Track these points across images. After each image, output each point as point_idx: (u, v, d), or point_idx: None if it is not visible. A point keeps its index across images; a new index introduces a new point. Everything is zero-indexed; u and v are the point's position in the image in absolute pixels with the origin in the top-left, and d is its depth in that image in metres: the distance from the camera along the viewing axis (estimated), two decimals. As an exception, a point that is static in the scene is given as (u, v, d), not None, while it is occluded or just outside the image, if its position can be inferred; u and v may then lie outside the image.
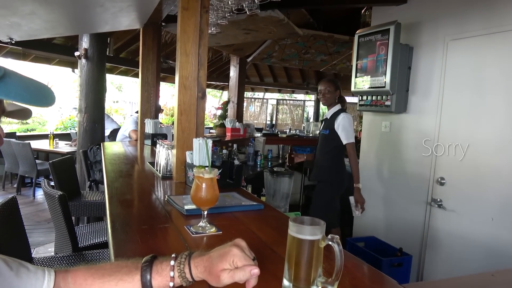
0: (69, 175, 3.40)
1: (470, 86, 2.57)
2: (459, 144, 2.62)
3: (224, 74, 9.61)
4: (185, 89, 1.92)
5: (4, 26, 3.19)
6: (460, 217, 2.63)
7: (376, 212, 3.34)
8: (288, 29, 3.88)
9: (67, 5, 2.70)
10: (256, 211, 1.48)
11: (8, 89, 0.48)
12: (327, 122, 3.23)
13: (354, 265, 1.02)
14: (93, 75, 4.67)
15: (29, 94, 0.51)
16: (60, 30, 3.85)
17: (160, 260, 0.76)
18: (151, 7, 2.87)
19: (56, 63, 7.15)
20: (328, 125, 3.18)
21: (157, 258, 0.77)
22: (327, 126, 3.21)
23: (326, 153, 3.21)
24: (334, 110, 3.17)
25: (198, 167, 1.17)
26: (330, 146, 3.18)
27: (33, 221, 4.68)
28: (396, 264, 2.80)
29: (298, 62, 6.76)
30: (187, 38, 1.89)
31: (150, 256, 0.77)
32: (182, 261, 0.73)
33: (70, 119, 10.81)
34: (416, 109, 2.98)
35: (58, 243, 2.39)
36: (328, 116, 3.21)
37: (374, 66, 3.03)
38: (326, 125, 3.22)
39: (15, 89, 0.48)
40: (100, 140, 4.75)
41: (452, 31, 2.69)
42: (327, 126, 3.21)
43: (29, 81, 0.54)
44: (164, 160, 2.10)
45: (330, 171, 3.19)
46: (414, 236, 2.96)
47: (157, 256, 0.77)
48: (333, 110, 3.18)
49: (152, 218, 1.37)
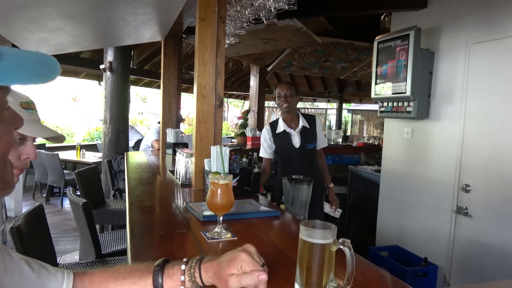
0: (94, 184, 3.50)
1: (495, 90, 2.49)
2: (484, 150, 2.54)
3: (245, 84, 9.68)
4: (203, 97, 1.96)
5: (33, 41, 3.34)
6: (487, 225, 2.53)
7: (399, 221, 3.27)
8: (307, 37, 3.89)
9: (91, 20, 2.81)
10: (272, 218, 1.49)
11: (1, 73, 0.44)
12: (307, 132, 2.77)
13: (375, 274, 1.00)
14: (117, 87, 4.82)
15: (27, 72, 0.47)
16: (85, 44, 4.00)
17: (172, 264, 0.77)
18: (171, 19, 2.95)
19: (84, 76, 7.42)
20: (311, 135, 2.79)
21: (169, 262, 0.78)
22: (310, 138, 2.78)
23: (313, 165, 2.83)
24: (302, 117, 2.80)
25: (214, 174, 1.19)
26: (315, 157, 2.85)
27: (60, 230, 4.82)
28: (421, 274, 2.72)
29: (318, 70, 6.74)
30: (205, 48, 1.94)
31: (162, 259, 0.78)
32: (193, 265, 0.74)
33: (97, 130, 11.13)
34: (439, 115, 2.91)
35: (82, 249, 2.46)
36: (303, 124, 2.76)
37: (394, 72, 2.99)
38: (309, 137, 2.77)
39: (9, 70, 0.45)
40: (124, 150, 4.87)
41: (474, 35, 2.62)
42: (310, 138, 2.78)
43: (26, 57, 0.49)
44: (183, 168, 2.14)
45: (322, 184, 2.91)
46: (440, 245, 2.87)
47: (169, 260, 0.79)
48: (301, 116, 2.80)
49: (170, 224, 1.39)
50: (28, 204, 6.03)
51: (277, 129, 2.78)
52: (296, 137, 2.75)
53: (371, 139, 7.26)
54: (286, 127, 2.76)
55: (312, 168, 2.79)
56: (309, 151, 2.78)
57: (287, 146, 2.76)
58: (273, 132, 2.79)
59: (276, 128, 2.78)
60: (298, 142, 2.74)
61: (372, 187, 3.91)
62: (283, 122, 2.78)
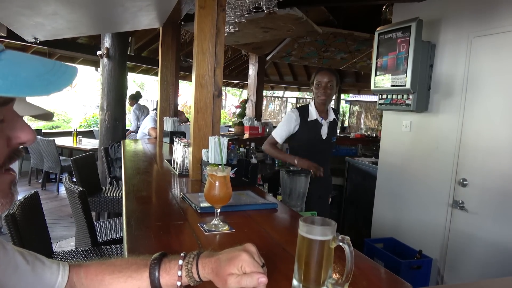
0: (90, 171, 3.49)
1: (495, 84, 2.48)
2: (483, 145, 2.54)
3: (243, 72, 9.62)
4: (201, 87, 1.93)
5: (28, 26, 3.28)
6: (482, 220, 2.55)
7: (395, 213, 3.28)
8: (307, 27, 3.85)
9: (88, 5, 2.75)
10: (270, 210, 1.48)
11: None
12: (334, 125, 2.71)
13: (370, 268, 1.00)
14: (114, 74, 4.77)
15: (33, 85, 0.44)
16: (82, 29, 3.94)
17: (169, 259, 0.76)
18: (170, 6, 2.90)
19: (80, 62, 7.34)
20: (334, 128, 2.72)
21: (166, 256, 0.77)
22: (333, 131, 2.71)
23: (329, 161, 2.76)
24: (331, 110, 2.72)
25: (212, 165, 1.17)
26: (331, 152, 2.79)
27: (56, 216, 4.82)
28: (415, 266, 2.74)
29: (317, 60, 6.68)
30: (204, 36, 1.90)
31: (159, 253, 0.77)
32: (190, 260, 0.73)
33: (93, 117, 11.07)
34: (438, 108, 2.90)
35: (78, 237, 2.45)
36: (334, 116, 2.69)
37: (394, 64, 2.97)
38: (332, 130, 2.69)
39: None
40: (121, 137, 4.84)
41: (477, 28, 2.60)
42: (333, 131, 2.71)
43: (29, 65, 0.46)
44: (180, 158, 2.12)
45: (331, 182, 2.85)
46: (435, 238, 2.89)
47: (166, 254, 0.78)
48: (330, 109, 2.71)
49: (167, 215, 1.38)
50: (24, 190, 6.02)
51: (308, 116, 2.60)
52: (325, 128, 2.62)
53: (369, 130, 7.26)
54: (318, 117, 2.60)
55: (329, 163, 2.74)
56: (332, 144, 2.71)
57: (315, 136, 2.61)
58: (302, 119, 2.60)
59: (308, 116, 2.60)
60: (325, 134, 2.62)
61: (369, 179, 3.92)
62: (315, 110, 2.60)
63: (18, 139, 0.55)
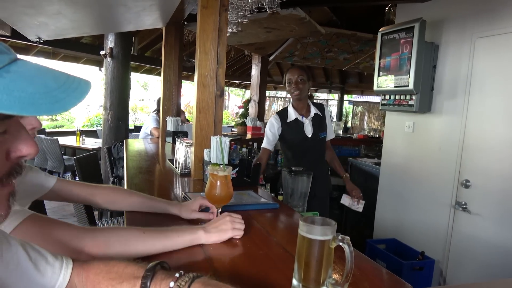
0: (93, 170, 3.50)
1: (498, 85, 2.47)
2: (486, 145, 2.53)
3: (246, 73, 9.63)
4: (203, 87, 1.94)
5: (32, 25, 3.30)
6: (485, 221, 2.54)
7: (397, 214, 3.27)
8: (310, 27, 3.85)
9: (92, 4, 2.76)
10: (271, 210, 1.48)
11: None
12: (319, 121, 2.64)
13: (371, 269, 1.00)
14: (117, 74, 4.78)
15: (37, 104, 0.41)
16: (85, 29, 3.96)
17: (162, 276, 0.71)
18: (173, 6, 2.91)
19: (84, 61, 7.37)
20: (321, 124, 2.65)
21: (162, 270, 0.73)
22: (320, 127, 2.63)
23: (322, 159, 2.71)
24: (313, 105, 2.67)
25: (213, 165, 1.18)
26: (324, 150, 2.71)
27: (59, 215, 4.84)
28: (417, 267, 2.73)
29: (320, 60, 6.68)
30: (206, 36, 1.91)
31: (155, 263, 0.73)
32: (182, 284, 0.68)
33: (97, 116, 11.11)
34: (441, 109, 2.89)
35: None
36: (316, 112, 2.63)
37: (397, 64, 2.96)
38: (318, 126, 2.62)
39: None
40: (124, 137, 4.85)
41: (480, 29, 2.59)
42: (320, 127, 2.63)
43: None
44: (182, 158, 2.13)
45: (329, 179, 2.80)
46: (437, 240, 2.88)
47: (163, 265, 0.75)
48: (311, 105, 2.66)
49: (169, 216, 1.38)
50: (27, 189, 6.03)
51: (287, 118, 2.59)
52: (308, 125, 2.58)
53: (372, 131, 7.24)
54: (298, 115, 2.58)
55: (323, 160, 2.71)
56: (321, 140, 2.64)
57: (299, 136, 2.58)
58: (282, 122, 2.59)
59: (287, 117, 2.59)
60: (310, 131, 2.58)
61: (371, 179, 3.91)
62: (293, 110, 2.60)
63: (19, 152, 0.52)
